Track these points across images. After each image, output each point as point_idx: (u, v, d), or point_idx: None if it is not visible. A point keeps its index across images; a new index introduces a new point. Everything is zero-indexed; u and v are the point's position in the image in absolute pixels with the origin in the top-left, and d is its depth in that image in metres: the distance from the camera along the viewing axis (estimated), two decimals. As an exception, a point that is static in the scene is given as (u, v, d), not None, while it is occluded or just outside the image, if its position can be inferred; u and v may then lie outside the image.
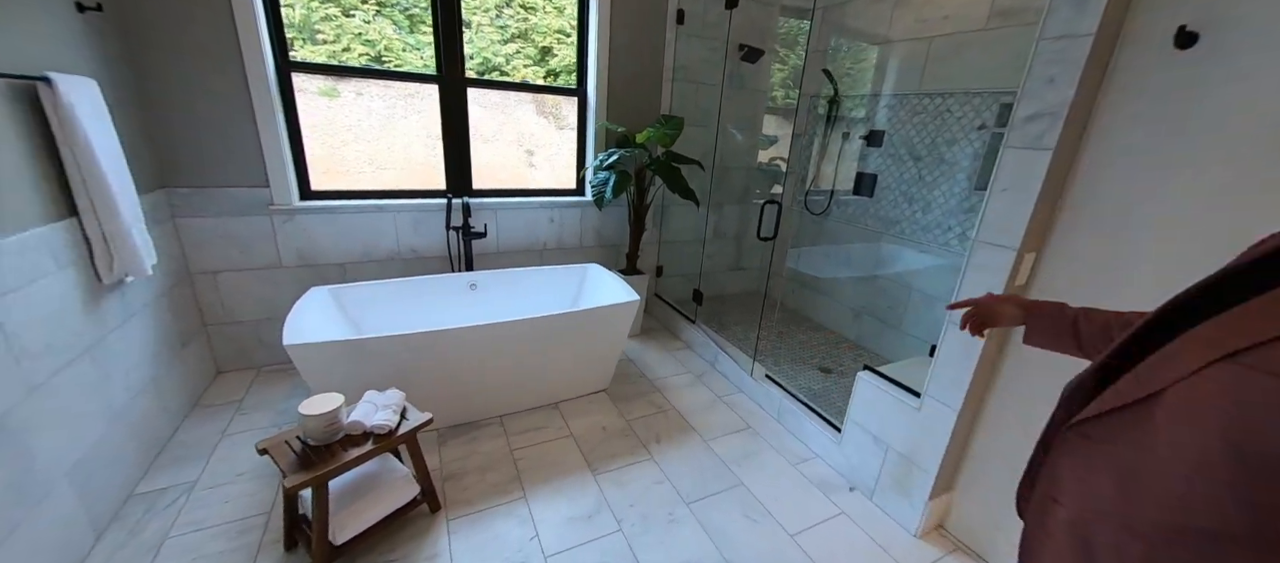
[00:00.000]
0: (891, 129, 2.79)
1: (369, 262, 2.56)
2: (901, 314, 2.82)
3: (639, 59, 2.91)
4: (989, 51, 2.30)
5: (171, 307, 2.05)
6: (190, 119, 2.07)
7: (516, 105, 2.87)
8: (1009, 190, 1.35)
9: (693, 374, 2.67)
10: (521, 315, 2.03)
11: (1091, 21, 1.18)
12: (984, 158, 2.35)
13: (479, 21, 2.66)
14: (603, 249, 3.18)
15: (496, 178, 2.91)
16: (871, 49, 2.95)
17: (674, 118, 2.81)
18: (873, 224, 2.95)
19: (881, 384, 1.75)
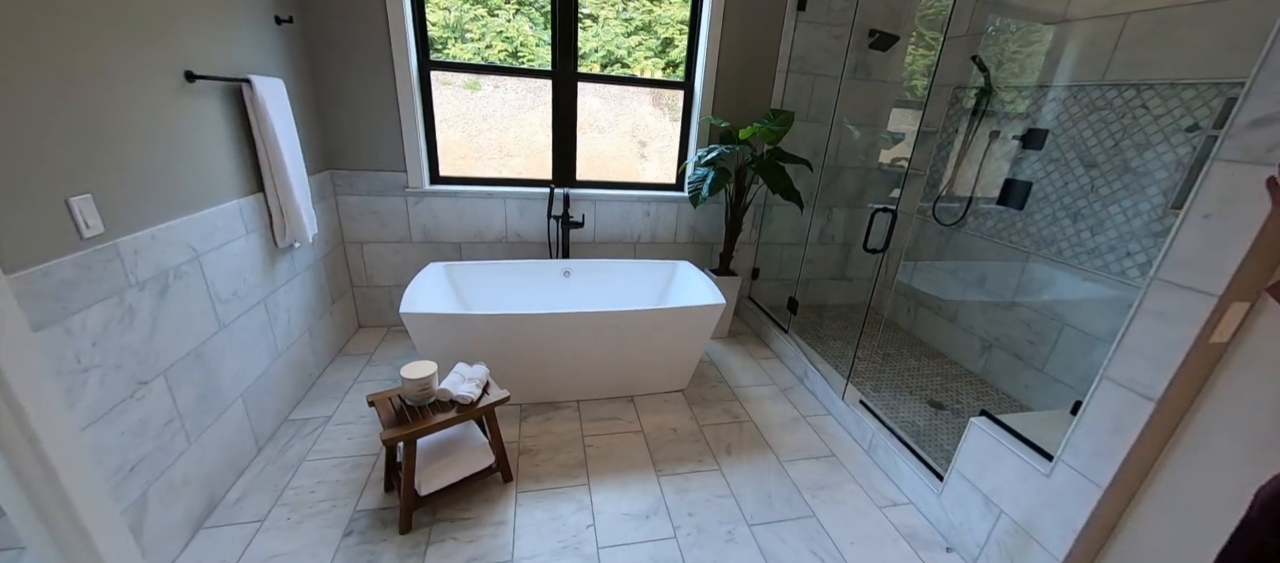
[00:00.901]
0: (1058, 128, 2.29)
1: (480, 243, 2.82)
2: (1046, 353, 2.33)
3: (751, 49, 2.77)
4: (1210, 30, 1.77)
5: (327, 269, 2.46)
6: (351, 112, 2.44)
7: (633, 97, 2.92)
8: (1214, 217, 1.02)
9: (778, 387, 2.51)
10: (608, 306, 2.09)
11: (1385, -15, 0.83)
12: (1191, 169, 1.82)
13: (605, 15, 2.74)
14: (696, 246, 3.12)
15: (608, 168, 3.01)
16: (1045, 29, 2.44)
17: (783, 112, 2.63)
18: (1020, 241, 2.48)
19: (1002, 436, 1.46)
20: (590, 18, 2.71)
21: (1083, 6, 2.20)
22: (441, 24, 2.58)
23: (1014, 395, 2.48)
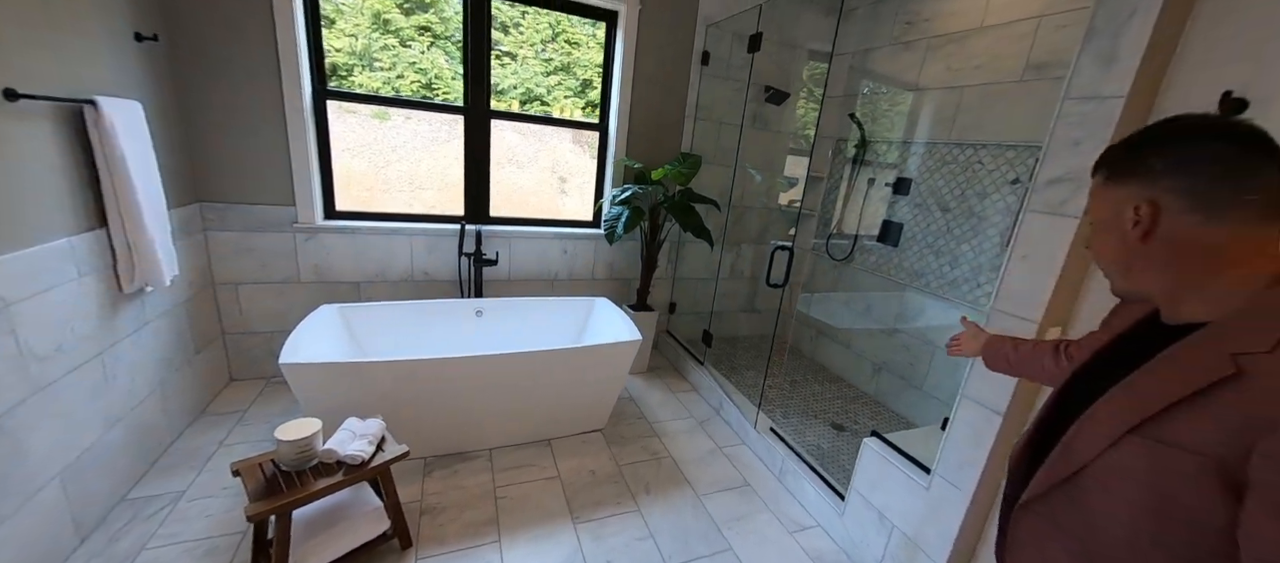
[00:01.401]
0: (920, 178, 2.67)
1: (382, 282, 2.62)
2: (923, 374, 2.63)
3: (662, 97, 2.93)
4: (1023, 104, 2.18)
5: (191, 314, 2.14)
6: (230, 141, 2.20)
7: (553, 133, 2.95)
8: (1030, 258, 1.24)
9: (695, 420, 2.56)
10: (524, 346, 2.01)
11: (1120, 84, 1.08)
12: (1017, 214, 2.19)
13: (525, 54, 2.77)
14: (614, 283, 3.15)
15: (527, 204, 2.97)
16: (905, 94, 2.87)
17: (692, 156, 2.80)
18: (897, 274, 2.81)
19: (889, 454, 1.61)
20: (509, 55, 2.73)
21: (931, 79, 2.62)
22: (346, 51, 2.45)
23: (900, 413, 2.74)
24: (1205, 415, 0.52)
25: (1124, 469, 0.57)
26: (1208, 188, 0.55)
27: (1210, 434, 0.51)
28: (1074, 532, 0.62)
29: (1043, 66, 2.11)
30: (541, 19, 2.74)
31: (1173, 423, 0.54)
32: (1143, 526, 0.55)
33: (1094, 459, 0.59)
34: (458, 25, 2.54)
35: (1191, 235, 0.57)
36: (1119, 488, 0.57)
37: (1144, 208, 0.58)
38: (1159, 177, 0.58)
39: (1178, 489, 0.53)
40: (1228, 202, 0.54)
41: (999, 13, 2.29)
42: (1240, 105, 1.00)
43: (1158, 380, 0.57)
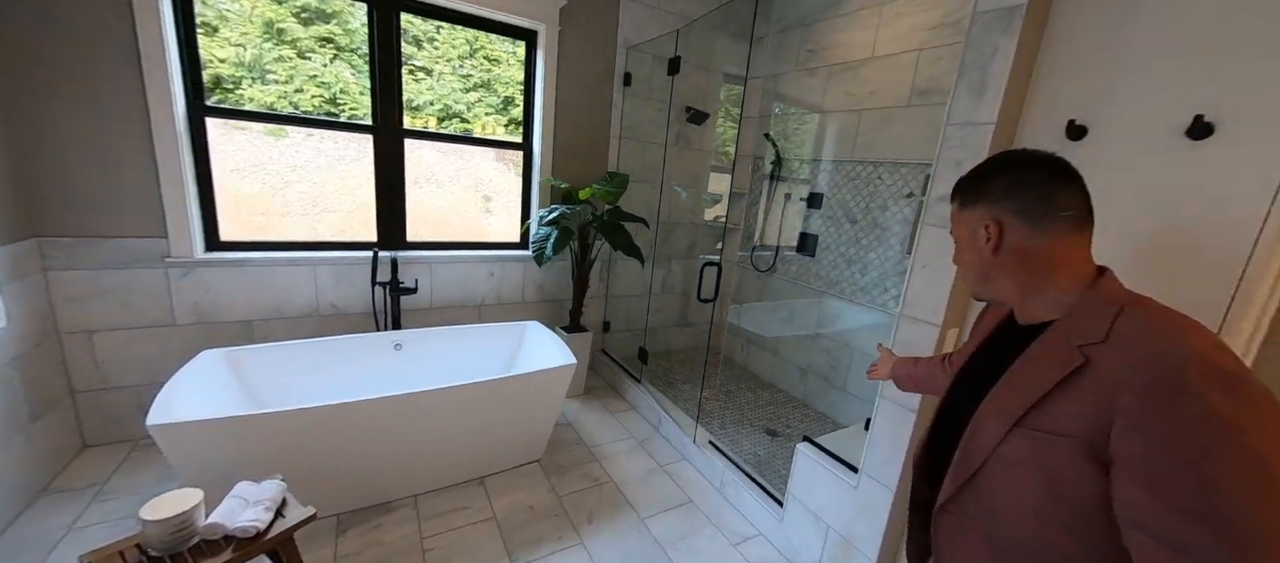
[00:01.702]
0: (830, 192, 2.88)
1: (280, 319, 2.34)
2: (845, 375, 2.81)
3: (586, 117, 2.93)
4: (912, 126, 2.44)
5: (26, 374, 1.76)
6: (77, 164, 1.86)
7: (476, 150, 2.82)
8: (929, 267, 1.36)
9: (635, 440, 2.53)
10: (450, 379, 1.88)
11: (990, 111, 1.24)
12: (913, 224, 2.43)
13: (442, 70, 2.63)
14: (546, 304, 3.07)
15: (449, 225, 2.81)
16: (812, 116, 3.10)
17: (619, 175, 2.81)
18: (815, 283, 2.99)
19: (820, 458, 1.68)
20: (424, 71, 2.59)
21: (833, 102, 2.86)
22: (233, 61, 2.19)
23: (826, 413, 2.91)
24: (1067, 403, 0.59)
25: (1014, 461, 0.64)
26: (1032, 206, 0.67)
27: (1075, 419, 0.58)
28: (985, 524, 0.69)
29: (925, 92, 2.38)
30: (459, 34, 2.64)
31: (1044, 414, 0.61)
32: (1040, 509, 0.62)
33: (989, 457, 0.67)
34: (364, 38, 2.37)
35: (1027, 246, 0.68)
36: (1014, 479, 0.64)
37: (991, 227, 0.70)
38: (998, 199, 0.70)
39: (1061, 472, 0.59)
40: (1047, 216, 0.66)
41: (885, 45, 2.55)
42: (1081, 131, 1.18)
43: (1025, 378, 0.65)
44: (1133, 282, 0.69)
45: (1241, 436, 0.48)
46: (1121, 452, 0.54)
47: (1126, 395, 0.53)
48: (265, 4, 2.21)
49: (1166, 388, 0.51)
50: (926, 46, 2.37)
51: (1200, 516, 0.48)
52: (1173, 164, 1.05)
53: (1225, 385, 0.50)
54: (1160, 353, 0.54)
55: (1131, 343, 0.57)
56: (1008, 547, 0.66)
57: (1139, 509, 0.52)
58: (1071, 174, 0.68)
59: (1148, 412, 0.52)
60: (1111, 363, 0.57)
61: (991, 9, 1.23)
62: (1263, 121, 0.94)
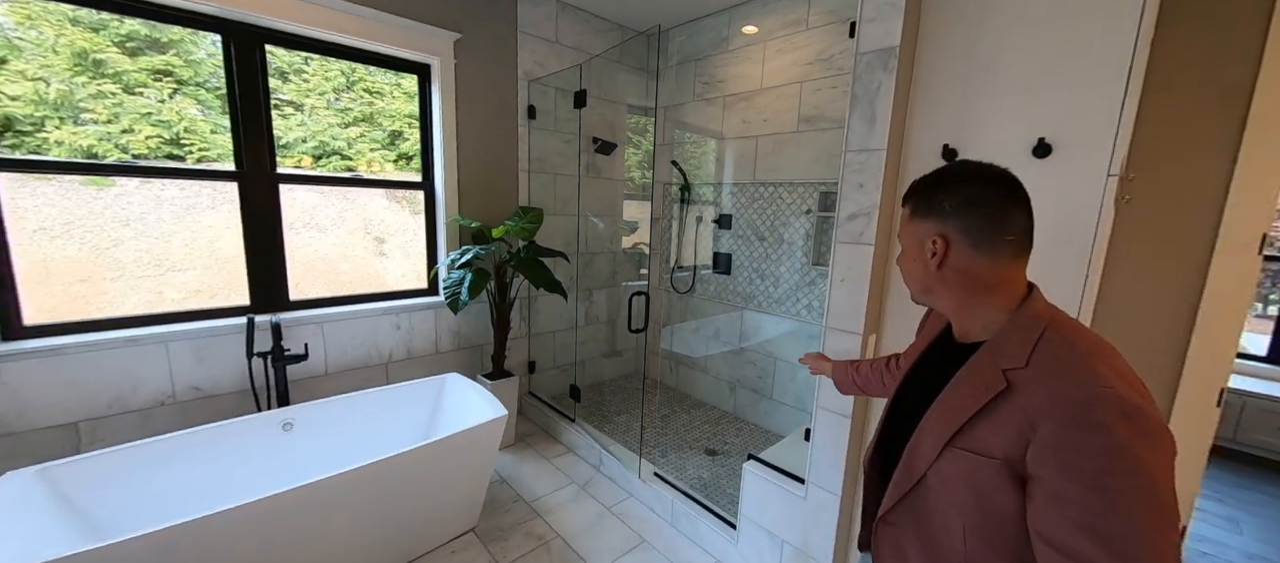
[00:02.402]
0: (737, 213, 3.05)
1: (122, 414, 1.88)
2: (770, 383, 2.96)
3: (491, 152, 2.80)
4: (803, 149, 2.69)
5: None
6: None
7: (362, 189, 2.53)
8: (846, 281, 1.48)
9: (577, 485, 2.40)
10: (356, 457, 1.62)
11: (881, 138, 1.39)
12: (814, 237, 2.66)
13: (313, 104, 2.34)
14: (464, 353, 2.83)
15: (337, 275, 2.47)
16: (712, 142, 3.27)
17: (533, 209, 2.72)
18: (733, 299, 3.13)
19: (767, 474, 1.72)
20: (293, 106, 2.29)
21: (731, 129, 3.06)
22: (29, 98, 1.74)
23: (759, 424, 3.02)
24: (994, 425, 0.63)
25: (948, 477, 0.68)
26: (981, 227, 0.69)
27: (999, 440, 0.62)
28: (922, 534, 0.73)
29: (811, 119, 2.64)
30: (332, 65, 2.39)
31: (972, 434, 0.65)
32: (971, 522, 0.66)
33: (927, 471, 0.70)
34: (213, 70, 2.04)
35: (969, 266, 0.70)
36: (948, 493, 0.68)
37: (938, 242, 0.71)
38: (948, 216, 0.71)
39: (988, 488, 0.63)
40: (993, 240, 0.68)
41: (772, 78, 2.80)
42: (954, 153, 1.37)
43: (957, 400, 0.68)
44: None
45: (1136, 463, 0.54)
46: (1036, 472, 0.59)
47: (1044, 424, 0.59)
48: (76, 31, 1.81)
49: (1078, 420, 0.57)
50: (807, 79, 2.64)
51: (1093, 530, 0.54)
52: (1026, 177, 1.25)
53: (1127, 417, 0.56)
54: (1075, 385, 0.59)
55: (1049, 370, 0.62)
56: (927, 541, 0.71)
57: (1045, 523, 0.58)
58: (1022, 196, 0.69)
59: (1061, 439, 0.57)
60: (1032, 390, 0.61)
61: (872, 49, 1.40)
62: (1084, 142, 1.17)
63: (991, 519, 0.64)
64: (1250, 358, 3.19)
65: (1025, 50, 1.24)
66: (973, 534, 0.66)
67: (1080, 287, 1.19)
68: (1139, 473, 0.54)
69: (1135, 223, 1.72)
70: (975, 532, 0.66)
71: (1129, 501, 0.54)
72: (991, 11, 1.29)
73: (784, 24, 2.70)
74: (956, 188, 0.71)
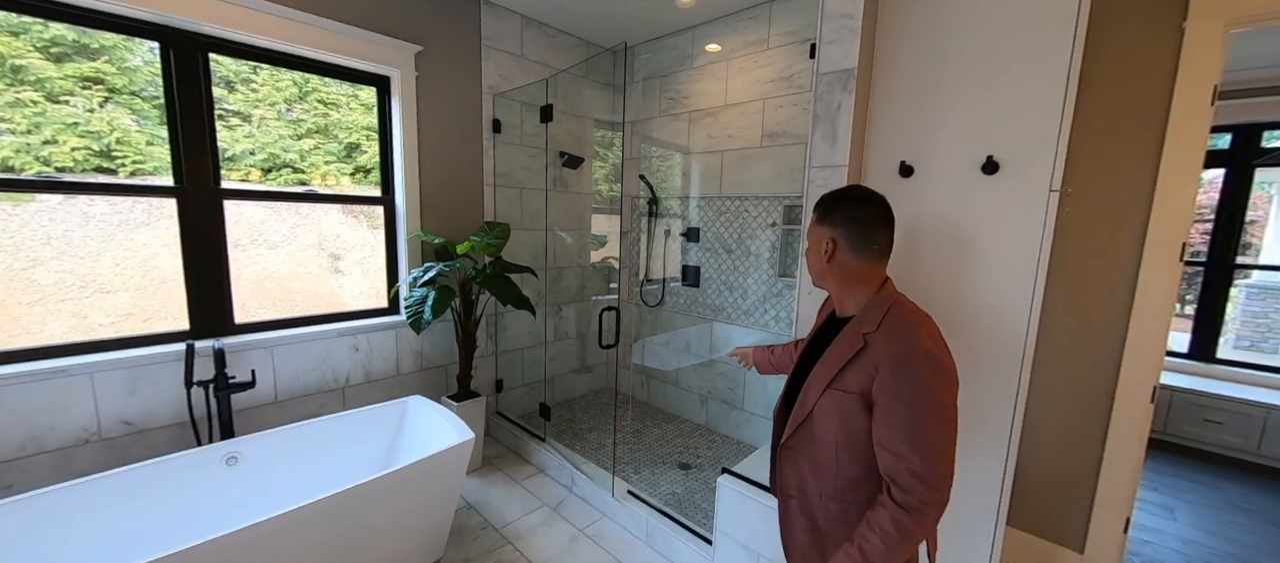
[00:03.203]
0: (705, 226, 3.09)
1: (39, 454, 1.69)
2: (741, 394, 2.98)
3: (455, 166, 2.73)
4: (767, 163, 2.76)
5: None
6: None
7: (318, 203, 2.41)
8: (812, 293, 1.51)
9: (548, 507, 2.33)
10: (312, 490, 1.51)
11: (843, 156, 1.44)
12: (780, 250, 2.72)
13: (262, 115, 2.22)
14: (427, 374, 2.72)
15: (289, 293, 2.34)
16: (679, 156, 3.32)
17: (499, 224, 2.66)
18: (703, 311, 3.15)
19: (742, 487, 1.72)
20: (240, 116, 2.17)
21: (697, 144, 3.11)
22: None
23: (731, 436, 3.03)
24: (855, 371, 0.93)
25: (826, 410, 0.97)
26: (857, 236, 0.97)
27: (857, 380, 0.92)
28: (809, 453, 1.03)
29: (774, 135, 2.71)
30: (284, 75, 2.28)
31: (843, 378, 0.95)
32: (840, 440, 0.97)
33: (814, 407, 0.99)
34: (150, 78, 1.91)
35: (848, 263, 0.99)
36: (825, 421, 0.98)
37: (829, 243, 0.99)
38: (838, 225, 0.98)
39: (850, 415, 0.94)
40: (864, 246, 0.97)
41: (736, 95, 2.87)
42: (910, 169, 1.43)
43: (834, 356, 0.97)
44: (959, 271, 1.17)
45: (931, 392, 0.86)
46: (877, 400, 0.89)
47: (882, 367, 0.89)
48: (-10, 36, 1.66)
49: (901, 364, 0.88)
50: (769, 96, 2.72)
51: (907, 434, 0.86)
52: (976, 190, 1.32)
53: (929, 362, 0.87)
54: (901, 342, 0.89)
55: (889, 333, 0.91)
56: (820, 467, 1.01)
57: (881, 433, 0.89)
58: (888, 219, 0.98)
59: (890, 377, 0.88)
60: (877, 346, 0.91)
61: (832, 70, 1.45)
62: (1027, 160, 1.24)
63: (852, 437, 0.95)
64: (1175, 356, 3.47)
65: (971, 74, 1.32)
66: (841, 449, 0.97)
67: (1029, 294, 1.25)
68: (933, 398, 0.86)
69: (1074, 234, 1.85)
70: (842, 447, 0.97)
71: (926, 414, 0.86)
72: (940, 38, 1.36)
73: (746, 43, 2.78)
74: (847, 206, 0.98)
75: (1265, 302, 4.78)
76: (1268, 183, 4.54)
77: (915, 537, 0.87)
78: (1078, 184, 1.80)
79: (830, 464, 0.99)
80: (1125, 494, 1.81)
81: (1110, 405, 1.81)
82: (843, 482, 0.98)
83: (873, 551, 0.88)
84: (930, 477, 0.85)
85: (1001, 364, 1.31)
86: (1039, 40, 1.21)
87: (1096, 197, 1.80)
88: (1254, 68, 2.83)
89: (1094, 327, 1.83)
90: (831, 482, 0.99)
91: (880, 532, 0.88)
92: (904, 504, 0.86)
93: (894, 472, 0.87)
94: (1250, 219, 3.46)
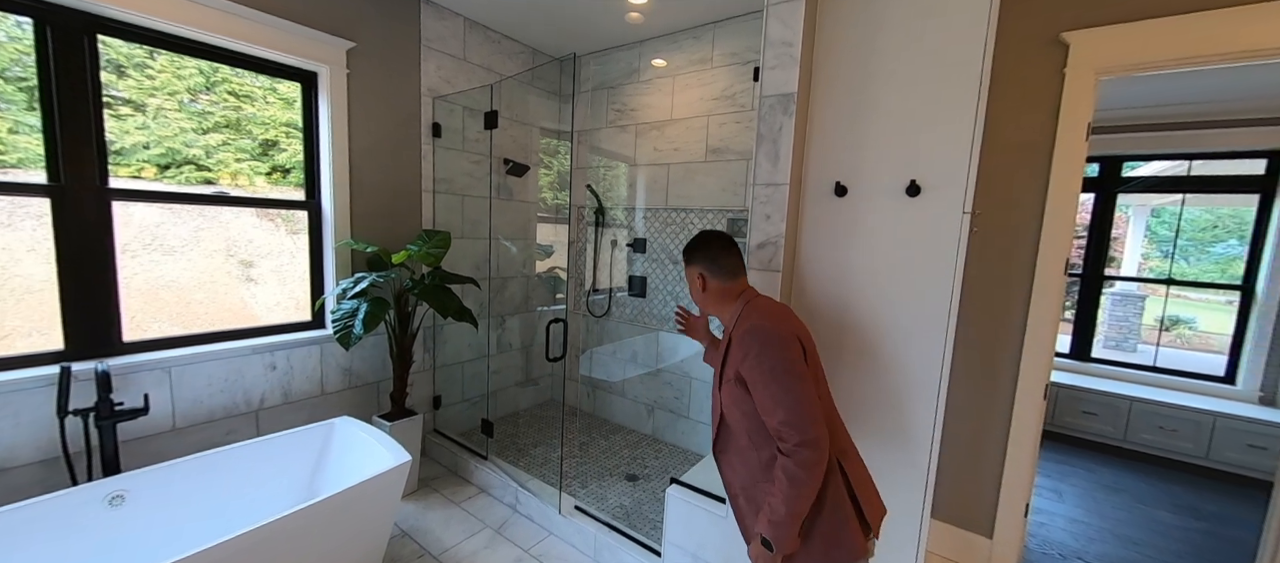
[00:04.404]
0: (651, 237, 3.13)
1: None
2: (687, 403, 3.03)
3: (391, 171, 2.58)
4: (711, 178, 2.84)
5: None
6: None
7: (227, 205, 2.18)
8: (759, 303, 1.57)
9: (491, 529, 2.23)
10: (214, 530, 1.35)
11: (784, 175, 1.52)
12: (724, 261, 2.80)
13: (159, 105, 1.97)
14: (357, 392, 2.53)
15: (190, 307, 2.09)
16: (624, 167, 3.34)
17: (439, 233, 2.54)
18: (649, 321, 3.18)
19: (691, 497, 1.74)
20: (131, 105, 1.92)
21: (644, 156, 3.15)
22: None
23: (676, 444, 3.07)
24: (731, 361, 1.14)
25: (728, 403, 1.17)
26: (712, 265, 1.23)
27: (734, 370, 1.12)
28: (734, 447, 1.20)
29: (718, 151, 2.81)
30: (187, 62, 2.06)
31: (727, 370, 1.16)
32: (745, 424, 1.14)
33: (722, 402, 1.19)
34: (16, 56, 1.66)
35: (715, 286, 1.23)
36: (732, 413, 1.17)
37: (699, 278, 1.24)
38: (698, 262, 1.25)
39: (739, 398, 1.12)
40: (720, 272, 1.22)
41: (681, 109, 2.94)
42: (844, 189, 1.53)
43: (723, 355, 1.19)
44: (887, 284, 1.44)
45: (769, 353, 1.06)
46: (747, 379, 1.09)
47: (738, 349, 1.11)
48: None
49: (746, 342, 1.10)
50: (713, 113, 2.81)
51: (769, 395, 1.05)
52: (903, 210, 1.44)
53: (759, 334, 1.09)
54: (743, 323, 1.14)
55: (741, 323, 1.15)
56: (745, 457, 1.17)
57: (758, 404, 1.08)
58: (731, 246, 1.24)
59: (743, 355, 1.10)
60: (736, 335, 1.13)
61: (774, 94, 1.53)
62: (944, 184, 1.37)
63: (748, 417, 1.12)
64: (1060, 356, 3.95)
65: (898, 104, 1.44)
66: (750, 434, 1.13)
67: (946, 305, 1.38)
68: (772, 359, 1.06)
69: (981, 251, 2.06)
70: (745, 430, 1.14)
71: (774, 375, 1.05)
72: (870, 69, 1.48)
73: (691, 61, 2.87)
74: (701, 248, 1.25)
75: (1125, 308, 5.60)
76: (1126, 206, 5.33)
77: (804, 481, 1.01)
78: (984, 207, 2.01)
79: (749, 450, 1.14)
80: (1025, 482, 2.02)
81: (1012, 403, 2.02)
82: (763, 463, 1.12)
83: (775, 502, 1.03)
84: (794, 421, 1.01)
85: (925, 371, 1.43)
86: (954, 74, 1.35)
87: (998, 218, 2.02)
88: (1117, 108, 3.32)
89: (998, 333, 2.04)
90: (756, 467, 1.13)
91: (776, 485, 1.03)
92: (785, 453, 1.02)
93: (773, 431, 1.05)
94: (1114, 236, 4.04)
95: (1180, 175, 3.71)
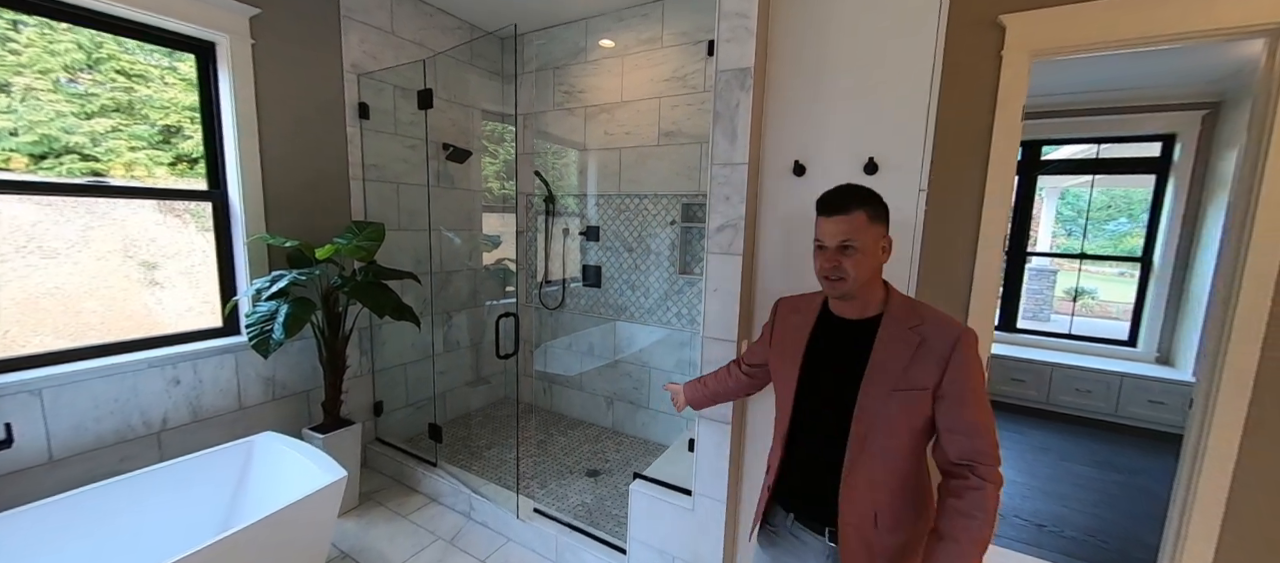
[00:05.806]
0: (604, 224, 3.02)
1: None
2: (647, 394, 2.97)
3: (309, 155, 2.32)
4: (664, 162, 2.77)
5: None
6: None
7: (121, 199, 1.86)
8: (719, 291, 1.51)
9: (443, 541, 2.08)
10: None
11: (742, 153, 1.46)
12: (680, 248, 2.75)
13: (29, 85, 1.64)
14: (282, 404, 2.27)
15: (77, 313, 1.79)
16: (573, 152, 3.20)
17: (371, 224, 2.31)
18: (605, 311, 3.08)
19: (654, 491, 1.68)
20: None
21: (594, 141, 3.02)
22: None
23: (638, 436, 3.01)
24: (920, 366, 0.89)
25: (894, 414, 0.91)
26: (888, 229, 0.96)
27: (925, 375, 0.89)
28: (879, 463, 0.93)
29: (671, 134, 2.73)
30: (63, 36, 1.73)
31: (909, 377, 0.89)
32: (907, 443, 0.91)
33: (887, 414, 0.91)
34: None
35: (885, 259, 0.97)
36: (898, 422, 0.91)
37: (887, 242, 0.95)
38: (886, 222, 0.95)
39: (916, 412, 0.90)
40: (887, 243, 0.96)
41: (631, 92, 2.84)
42: (803, 168, 1.49)
43: (893, 356, 0.91)
44: None
45: (977, 368, 0.88)
46: (946, 390, 0.88)
47: (954, 354, 0.87)
48: None
49: (966, 347, 0.88)
50: (664, 95, 2.73)
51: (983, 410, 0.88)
52: (859, 191, 1.42)
53: (972, 342, 0.89)
54: (954, 326, 0.89)
55: (939, 322, 0.91)
56: (888, 473, 0.93)
57: (953, 419, 0.88)
58: None
59: (963, 362, 0.88)
60: (935, 337, 0.89)
61: (730, 69, 1.46)
62: (900, 163, 1.36)
63: (916, 435, 0.91)
64: (989, 328, 4.23)
65: (855, 79, 1.41)
66: (909, 453, 0.92)
67: (907, 281, 1.38)
68: (980, 372, 0.90)
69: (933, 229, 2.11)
70: (910, 451, 0.92)
71: (983, 389, 0.89)
72: (829, 42, 1.44)
73: (640, 41, 2.76)
74: (880, 204, 0.95)
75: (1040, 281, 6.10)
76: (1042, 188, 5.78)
77: (995, 514, 0.86)
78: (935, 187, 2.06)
79: (909, 475, 0.94)
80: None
81: (957, 376, 2.10)
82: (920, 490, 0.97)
83: (974, 535, 0.84)
84: (996, 444, 0.87)
85: (884, 349, 1.43)
86: (909, 52, 1.33)
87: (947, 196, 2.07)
88: (1039, 95, 3.54)
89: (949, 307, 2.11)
90: (912, 493, 0.95)
91: (985, 514, 0.84)
92: (991, 480, 0.85)
93: (974, 452, 0.86)
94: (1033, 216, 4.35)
95: (1091, 158, 4.03)
